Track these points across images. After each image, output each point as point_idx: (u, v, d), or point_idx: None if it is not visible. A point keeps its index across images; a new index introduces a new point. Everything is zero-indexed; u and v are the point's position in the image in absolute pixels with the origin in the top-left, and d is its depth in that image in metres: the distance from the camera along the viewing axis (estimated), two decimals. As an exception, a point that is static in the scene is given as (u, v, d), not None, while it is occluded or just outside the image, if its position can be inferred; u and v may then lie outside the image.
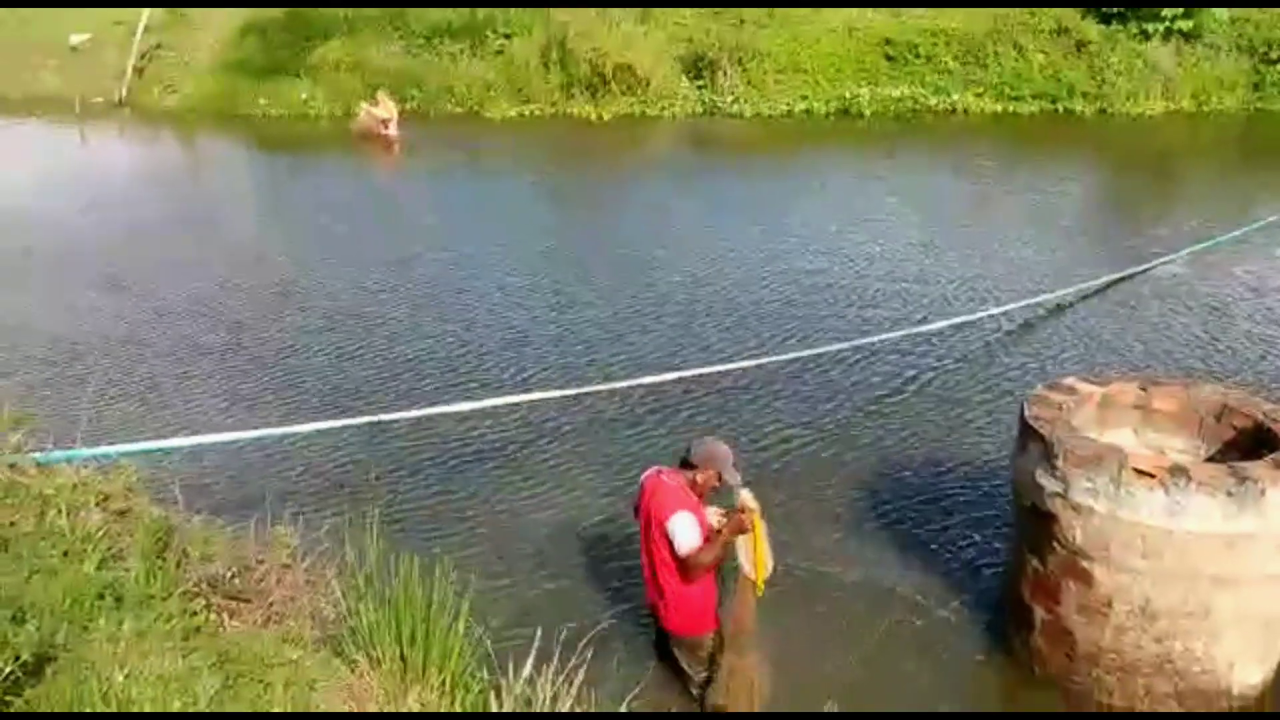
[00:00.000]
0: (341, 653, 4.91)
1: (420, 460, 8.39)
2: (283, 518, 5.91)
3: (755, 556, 5.35)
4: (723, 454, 5.43)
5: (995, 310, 10.92)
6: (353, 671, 4.80)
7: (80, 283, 12.64)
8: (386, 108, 20.24)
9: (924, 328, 10.43)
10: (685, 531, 5.18)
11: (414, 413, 8.57)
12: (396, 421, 8.56)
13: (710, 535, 5.27)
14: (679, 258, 13.19)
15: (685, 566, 5.21)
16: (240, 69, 24.02)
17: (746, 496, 5.36)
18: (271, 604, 5.35)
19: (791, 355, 9.77)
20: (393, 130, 20.17)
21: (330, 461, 8.27)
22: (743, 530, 5.31)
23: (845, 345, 9.95)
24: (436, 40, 23.40)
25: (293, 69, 23.63)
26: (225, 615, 5.19)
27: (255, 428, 8.31)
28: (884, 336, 10.25)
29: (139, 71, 24.56)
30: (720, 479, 5.38)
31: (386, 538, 5.22)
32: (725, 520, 5.38)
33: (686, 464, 5.43)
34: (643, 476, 5.59)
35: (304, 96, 23.09)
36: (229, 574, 5.38)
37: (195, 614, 5.01)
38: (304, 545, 5.73)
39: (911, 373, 9.79)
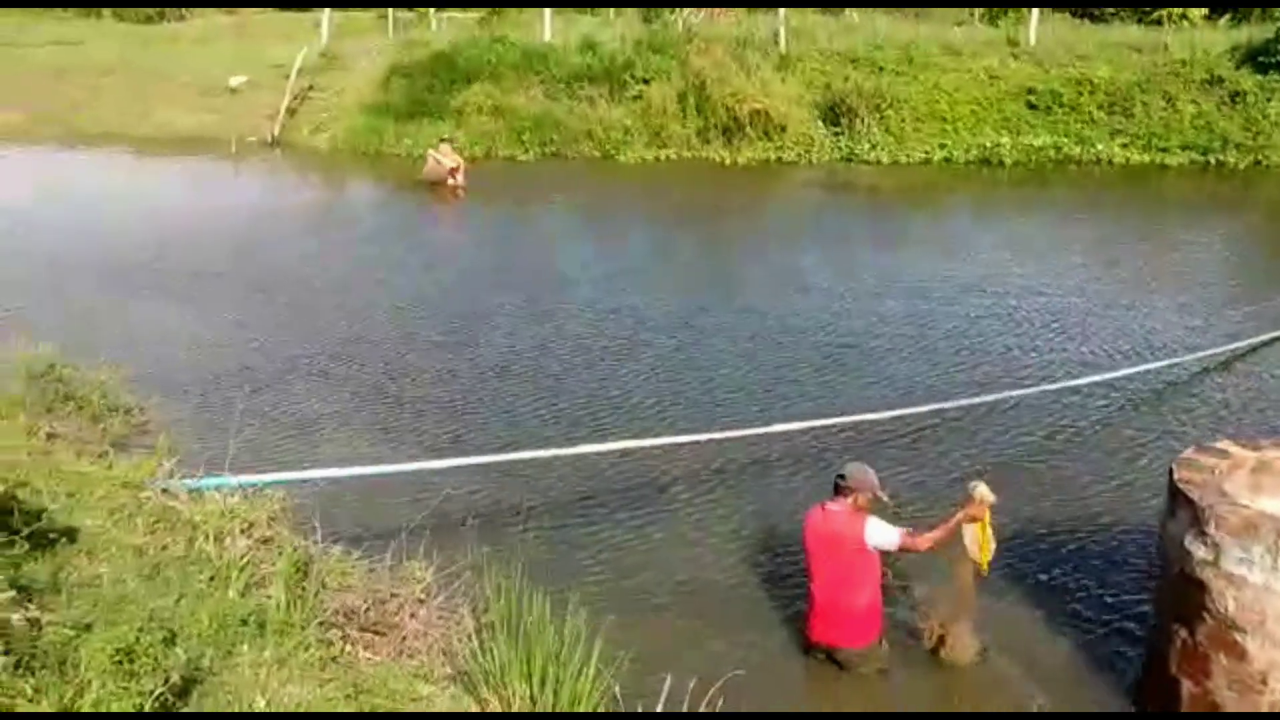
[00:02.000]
0: (472, 691, 4.97)
1: (559, 499, 8.46)
2: (418, 552, 6.03)
3: (982, 540, 6.11)
4: (871, 474, 6.23)
5: (1138, 368, 10.58)
6: (483, 709, 4.85)
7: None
8: (452, 157, 20.54)
9: (1066, 383, 10.16)
10: (883, 530, 6.08)
11: (548, 452, 8.65)
12: (535, 460, 8.65)
13: (941, 524, 6.13)
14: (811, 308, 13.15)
15: (904, 551, 6.14)
16: (386, 111, 24.80)
17: (984, 490, 6.15)
18: (404, 638, 5.46)
19: (931, 407, 9.59)
20: (460, 179, 20.40)
21: (465, 498, 8.38)
22: (975, 519, 6.10)
23: (977, 400, 9.76)
24: (576, 85, 23.83)
25: (436, 111, 24.31)
26: (360, 647, 5.30)
27: (393, 462, 8.49)
28: (1022, 391, 10.00)
29: (291, 112, 25.55)
30: (875, 497, 6.17)
31: (520, 576, 5.27)
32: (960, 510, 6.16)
33: (841, 489, 6.16)
34: (807, 515, 6.34)
35: (446, 137, 23.67)
36: (364, 606, 5.51)
37: (332, 644, 5.15)
38: (438, 580, 5.83)
39: (1051, 431, 9.53)
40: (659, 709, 4.34)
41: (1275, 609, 5.17)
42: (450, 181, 20.43)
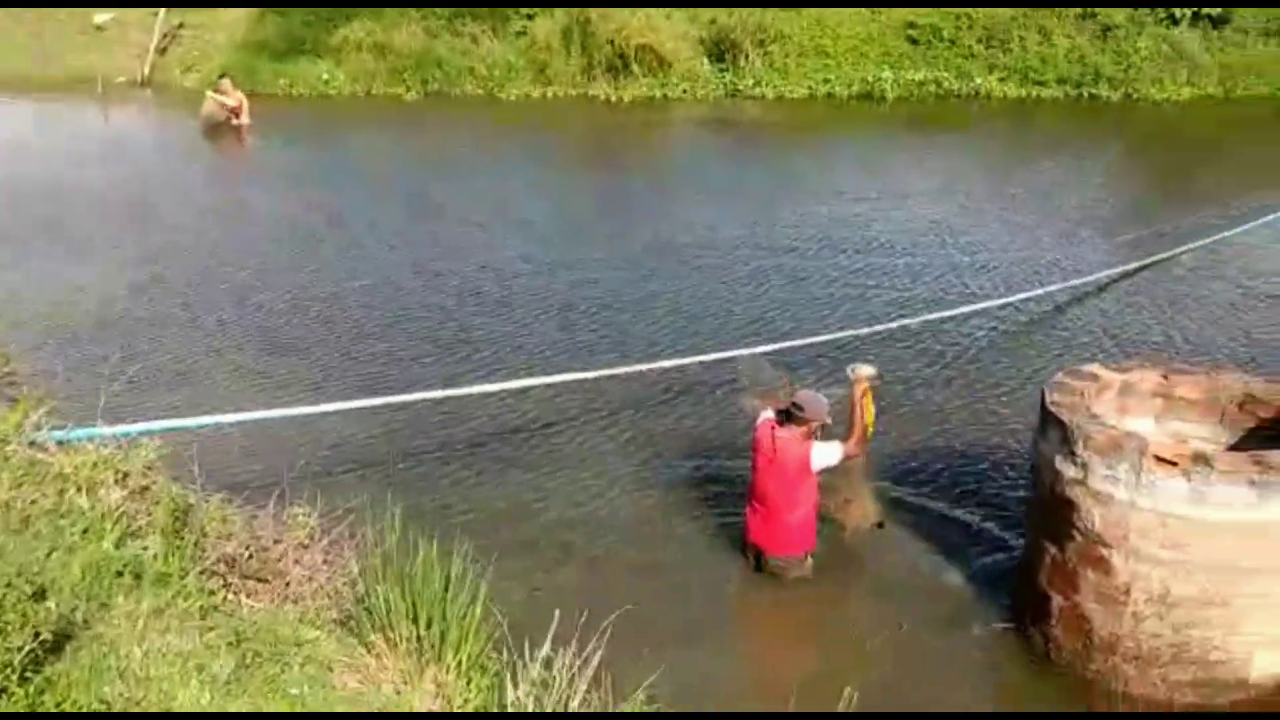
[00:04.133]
0: (358, 633, 4.93)
1: (442, 442, 8.41)
2: (302, 498, 5.94)
3: (867, 409, 6.71)
4: (823, 402, 6.64)
5: (1017, 297, 10.85)
6: (369, 652, 4.82)
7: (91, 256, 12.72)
8: (234, 95, 19.72)
9: (944, 313, 10.37)
10: (828, 451, 6.57)
11: (435, 393, 8.58)
12: (418, 403, 8.57)
13: (850, 418, 6.66)
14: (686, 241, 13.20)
15: (846, 459, 6.65)
16: (261, 49, 24.00)
17: (864, 368, 6.84)
18: (289, 584, 5.38)
19: (808, 340, 9.72)
20: (244, 119, 19.62)
21: (351, 442, 8.28)
22: (866, 394, 6.71)
23: (865, 331, 9.90)
24: (458, 20, 23.32)
25: (314, 49, 23.61)
26: (243, 595, 5.22)
27: (273, 407, 8.33)
28: (903, 322, 10.20)
29: (161, 51, 24.58)
30: (824, 424, 6.59)
31: (405, 519, 5.24)
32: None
33: (794, 418, 6.53)
34: (757, 429, 6.70)
35: (324, 77, 23.08)
36: (247, 553, 5.41)
37: (213, 593, 5.05)
38: (322, 525, 5.75)
39: (931, 359, 9.77)
40: (546, 644, 4.35)
41: (1138, 524, 5.39)
42: (234, 122, 19.61)
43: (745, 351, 9.16)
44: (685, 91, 22.14)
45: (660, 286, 11.73)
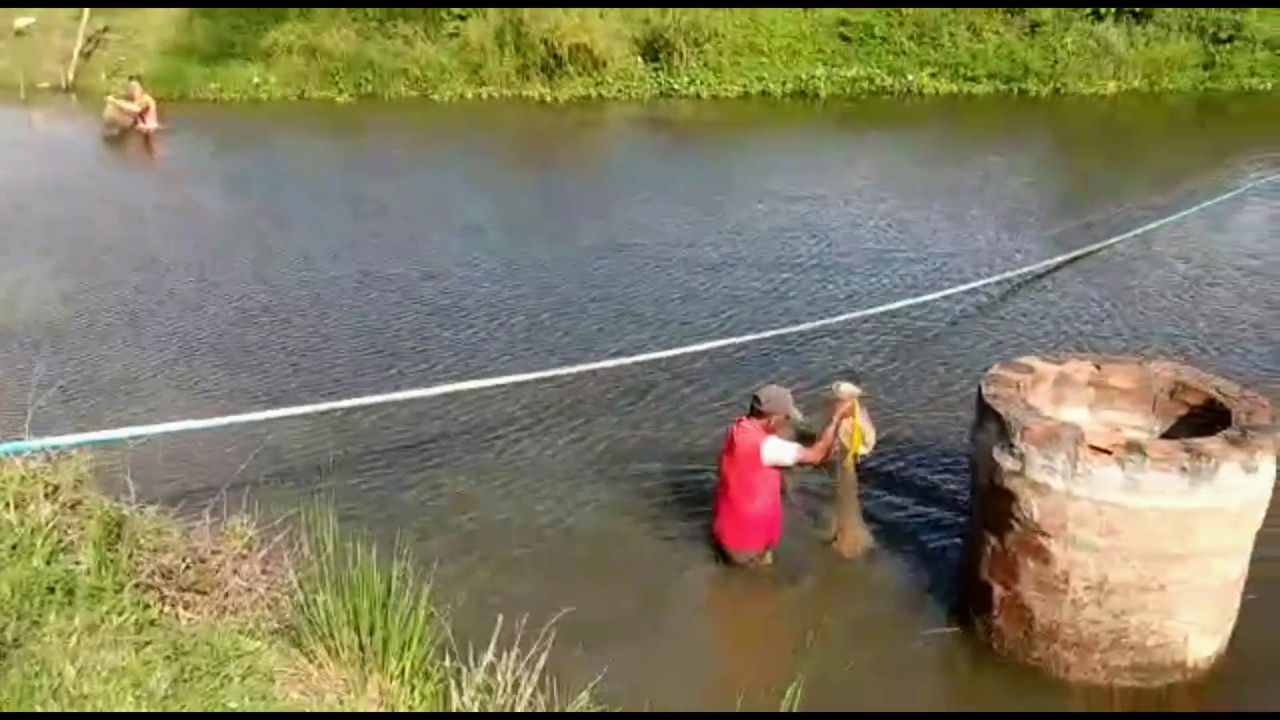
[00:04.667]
0: (300, 643, 4.86)
1: (383, 448, 8.32)
2: (239, 508, 5.85)
3: (854, 432, 6.60)
4: (785, 396, 6.73)
5: (953, 290, 10.96)
6: (311, 661, 4.75)
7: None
8: (140, 99, 19.11)
9: (879, 308, 10.44)
10: (778, 448, 6.59)
11: (369, 399, 8.48)
12: (356, 409, 8.48)
13: (822, 432, 6.65)
14: (623, 240, 13.21)
15: (801, 464, 6.68)
16: (189, 53, 23.66)
17: (847, 386, 6.75)
18: (227, 595, 5.30)
19: (752, 337, 9.77)
20: (151, 123, 18.99)
21: (290, 451, 8.16)
22: (846, 415, 6.62)
23: (803, 327, 9.96)
24: (390, 23, 23.14)
25: (244, 53, 23.32)
26: (180, 608, 5.12)
27: (210, 416, 8.18)
28: (842, 318, 10.27)
29: (85, 55, 24.12)
30: (788, 417, 6.69)
31: (345, 526, 5.17)
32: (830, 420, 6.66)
33: (757, 412, 6.65)
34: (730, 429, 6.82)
35: (255, 81, 22.80)
36: (184, 565, 5.31)
37: (149, 606, 4.96)
38: (261, 535, 5.67)
39: (867, 354, 9.82)
40: (490, 648, 4.32)
41: (1075, 512, 5.46)
42: (141, 126, 19.03)
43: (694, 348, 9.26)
44: (620, 91, 22.19)
45: (601, 288, 11.70)
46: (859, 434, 6.64)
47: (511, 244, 13.36)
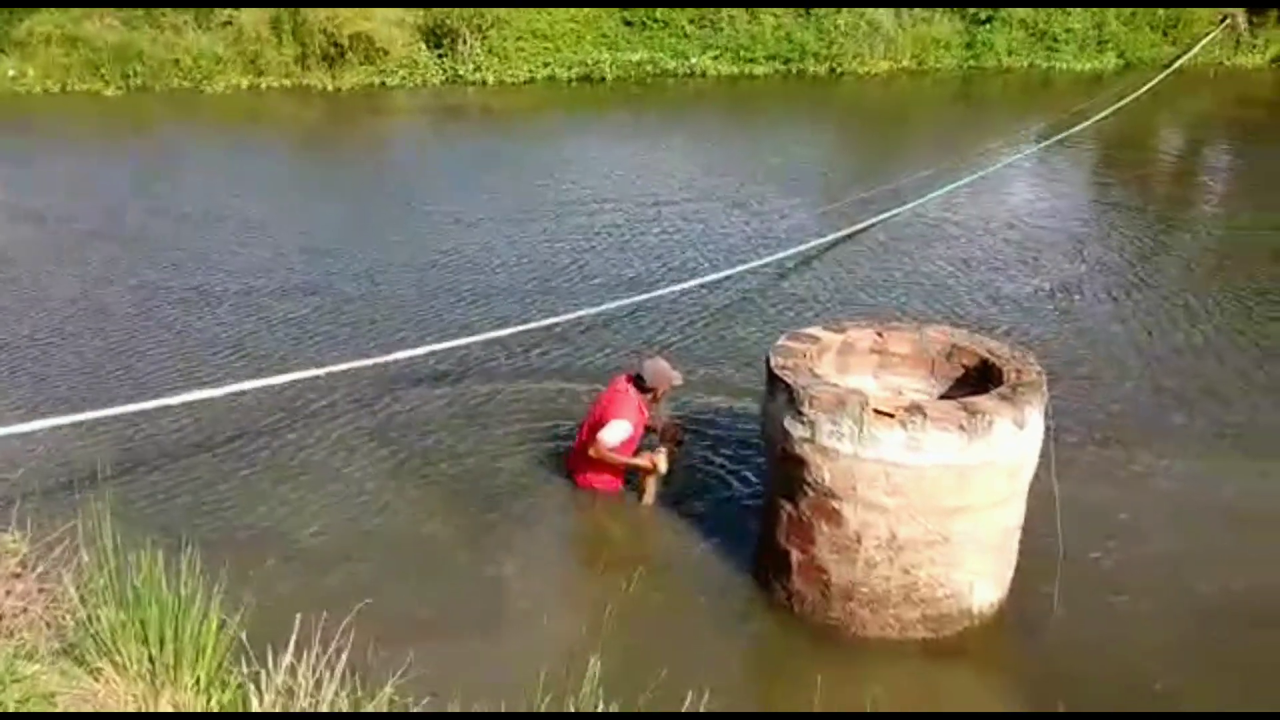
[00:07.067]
0: (84, 662, 4.60)
1: (165, 452, 7.96)
2: (9, 524, 5.51)
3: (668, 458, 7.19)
4: (667, 369, 7.22)
5: (738, 269, 11.20)
6: (97, 680, 4.51)
7: None
8: None
9: (663, 290, 10.58)
10: (612, 433, 6.98)
11: (139, 405, 8.02)
12: (131, 415, 8.05)
13: (628, 461, 7.12)
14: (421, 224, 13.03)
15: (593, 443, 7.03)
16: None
17: (661, 460, 7.10)
18: (1, 617, 4.97)
19: (547, 322, 9.75)
20: None
21: (67, 461, 7.69)
22: (648, 473, 7.12)
23: (591, 311, 10.00)
24: (158, 11, 22.05)
25: (-3, 44, 21.88)
26: (-54, 636, 4.78)
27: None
28: (625, 301, 10.36)
29: None
30: (673, 385, 7.27)
31: (128, 536, 4.93)
32: (650, 453, 7.15)
33: (641, 383, 7.11)
34: (615, 379, 7.33)
35: (12, 74, 21.40)
36: (-52, 591, 4.97)
37: (-90, 637, 4.61)
38: (35, 552, 5.35)
39: (657, 331, 9.97)
40: (289, 651, 4.19)
41: (864, 474, 5.67)
42: None
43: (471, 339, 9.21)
44: (404, 79, 21.83)
45: (391, 285, 11.49)
46: (665, 463, 7.15)
47: (308, 237, 12.97)
